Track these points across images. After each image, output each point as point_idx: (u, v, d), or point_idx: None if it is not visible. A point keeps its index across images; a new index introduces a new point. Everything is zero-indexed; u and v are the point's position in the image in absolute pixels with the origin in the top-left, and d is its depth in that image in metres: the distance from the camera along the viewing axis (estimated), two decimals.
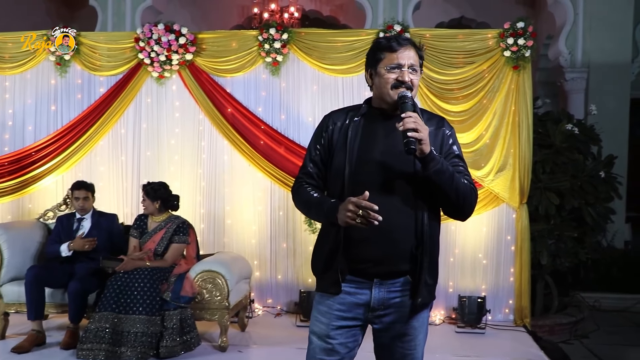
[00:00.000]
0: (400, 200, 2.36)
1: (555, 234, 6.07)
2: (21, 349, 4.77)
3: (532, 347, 5.19)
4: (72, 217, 5.33)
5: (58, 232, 5.26)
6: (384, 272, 2.39)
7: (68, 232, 5.24)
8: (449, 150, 2.48)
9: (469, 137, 5.79)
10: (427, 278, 2.41)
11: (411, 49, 2.45)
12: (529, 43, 5.60)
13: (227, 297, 4.84)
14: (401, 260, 2.38)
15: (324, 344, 2.50)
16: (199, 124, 6.12)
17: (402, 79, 2.40)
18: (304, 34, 5.99)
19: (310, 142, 2.61)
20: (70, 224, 5.28)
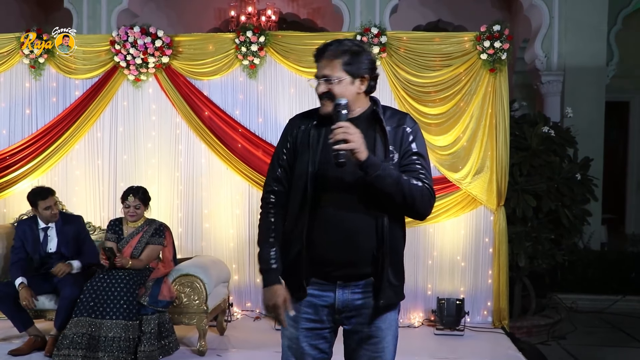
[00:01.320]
0: (361, 203, 2.37)
1: (532, 236, 6.12)
2: (19, 352, 4.74)
3: (510, 349, 5.22)
4: (35, 226, 5.08)
5: (21, 241, 5.04)
6: (346, 275, 2.41)
7: (34, 245, 5.03)
8: (407, 148, 2.45)
9: (446, 140, 5.81)
10: (391, 279, 2.41)
11: (327, 59, 2.43)
12: (505, 46, 5.64)
13: (206, 301, 4.81)
14: (363, 263, 2.39)
15: (295, 347, 2.50)
16: (176, 127, 6.08)
17: (317, 91, 2.44)
18: (281, 36, 5.98)
19: (276, 148, 2.60)
20: (35, 236, 5.05)
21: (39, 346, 4.86)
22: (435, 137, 5.82)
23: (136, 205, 4.98)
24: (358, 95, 2.47)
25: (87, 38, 6.37)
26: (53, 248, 5.07)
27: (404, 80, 5.80)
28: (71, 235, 5.09)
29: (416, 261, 5.93)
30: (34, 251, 5.05)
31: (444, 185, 5.82)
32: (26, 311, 4.85)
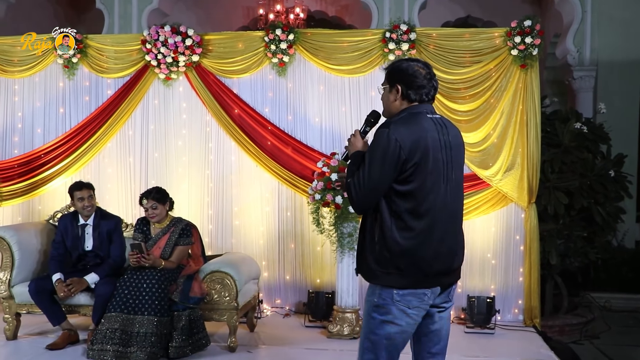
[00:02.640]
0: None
1: (564, 234, 6.05)
2: (55, 347, 4.85)
3: (542, 348, 5.16)
4: (75, 222, 5.21)
5: (62, 236, 5.17)
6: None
7: (74, 241, 5.16)
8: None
9: (476, 137, 5.77)
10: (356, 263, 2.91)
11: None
12: (536, 41, 5.57)
13: (236, 297, 4.84)
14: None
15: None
16: (206, 125, 6.13)
17: None
18: (310, 34, 5.99)
19: None
20: (75, 232, 5.17)
21: (73, 340, 4.98)
22: (465, 134, 5.76)
23: (152, 205, 5.00)
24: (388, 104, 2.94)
25: (119, 37, 6.46)
26: (90, 246, 5.16)
27: None
28: (105, 234, 5.18)
29: None
30: (73, 247, 5.16)
31: (474, 182, 5.78)
32: (60, 306, 4.96)
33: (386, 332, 2.73)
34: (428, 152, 2.68)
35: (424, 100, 2.83)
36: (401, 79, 2.82)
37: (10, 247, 5.18)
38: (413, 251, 2.70)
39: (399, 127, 2.69)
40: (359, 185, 2.71)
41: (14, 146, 6.34)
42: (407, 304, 2.72)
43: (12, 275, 5.13)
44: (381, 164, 2.66)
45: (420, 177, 2.68)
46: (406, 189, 2.68)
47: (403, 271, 2.70)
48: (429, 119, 2.78)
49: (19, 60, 6.26)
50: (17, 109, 6.35)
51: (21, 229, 5.43)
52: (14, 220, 6.28)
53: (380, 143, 2.68)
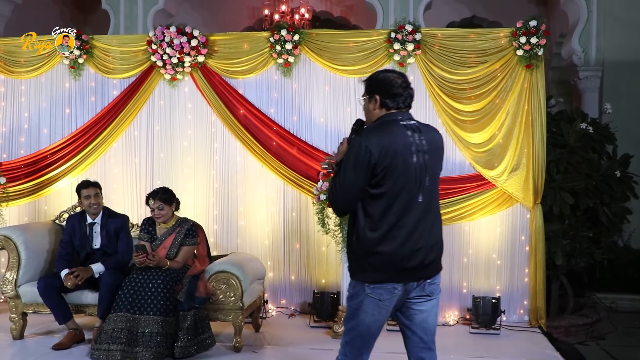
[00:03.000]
0: None
1: (570, 234, 6.04)
2: (61, 346, 4.88)
3: (547, 348, 5.15)
4: (83, 221, 5.25)
5: (70, 235, 5.21)
6: None
7: (82, 240, 5.20)
8: None
9: (481, 137, 5.77)
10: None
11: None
12: (541, 42, 5.56)
13: (241, 297, 4.85)
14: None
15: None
16: (212, 125, 6.14)
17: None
18: (315, 34, 5.99)
19: None
20: (83, 231, 5.22)
21: (79, 340, 5.01)
22: (471, 135, 5.78)
23: (159, 206, 5.02)
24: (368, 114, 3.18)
25: (125, 38, 6.48)
26: (97, 244, 5.20)
27: (438, 78, 5.76)
28: (112, 232, 5.21)
29: (451, 259, 5.89)
30: (81, 246, 5.20)
31: (480, 182, 5.78)
32: (67, 305, 4.99)
33: (360, 320, 3.02)
34: (397, 157, 2.91)
35: (401, 108, 3.06)
36: (378, 89, 3.06)
37: (17, 247, 5.21)
38: (384, 249, 2.94)
39: (370, 135, 2.95)
40: (334, 188, 2.99)
41: (21, 146, 6.37)
42: (378, 297, 2.98)
43: (18, 275, 5.16)
44: (353, 169, 2.91)
45: (390, 180, 2.91)
46: (378, 192, 2.93)
47: (377, 268, 2.96)
48: (402, 126, 3.00)
49: (25, 61, 6.29)
50: (24, 110, 6.38)
51: (27, 229, 5.46)
52: (20, 220, 6.31)
53: (353, 150, 2.93)
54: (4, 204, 6.19)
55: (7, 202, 6.22)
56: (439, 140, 3.16)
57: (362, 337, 3.07)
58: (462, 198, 5.78)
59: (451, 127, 5.79)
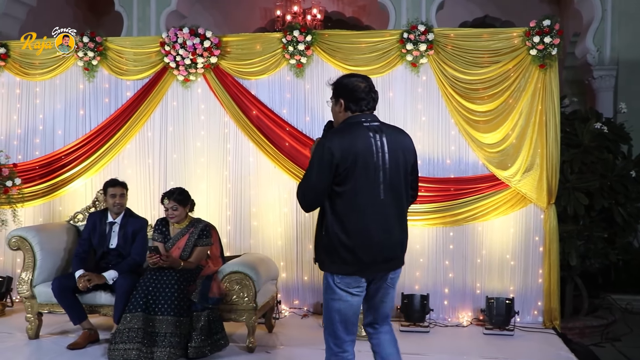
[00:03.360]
0: None
1: (584, 235, 6.00)
2: (76, 346, 4.92)
3: (562, 350, 5.12)
4: (104, 220, 5.30)
5: (89, 233, 5.27)
6: None
7: (100, 238, 5.24)
8: None
9: (494, 137, 5.75)
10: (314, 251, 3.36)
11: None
12: (555, 41, 5.53)
13: (255, 298, 4.86)
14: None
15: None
16: (225, 126, 6.16)
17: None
18: (327, 35, 5.99)
19: None
20: (102, 229, 5.27)
21: (93, 339, 5.05)
22: (484, 135, 5.76)
23: (173, 207, 5.04)
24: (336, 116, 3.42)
25: (138, 40, 6.50)
26: (114, 244, 5.23)
27: (451, 78, 5.75)
28: (130, 234, 5.25)
29: (464, 260, 5.88)
30: (99, 245, 5.24)
31: (493, 183, 5.76)
32: (82, 305, 5.03)
33: (336, 308, 3.26)
34: (358, 157, 3.12)
35: (364, 111, 3.27)
36: (343, 93, 3.29)
37: (32, 248, 5.26)
38: (350, 244, 3.17)
39: (333, 137, 3.19)
40: (301, 187, 3.22)
41: (35, 148, 6.43)
42: (347, 286, 3.23)
43: (34, 275, 5.21)
44: (317, 169, 3.14)
45: (352, 178, 3.13)
46: (342, 190, 3.15)
47: (345, 260, 3.19)
48: (365, 127, 3.21)
49: (40, 63, 6.35)
50: (39, 111, 6.43)
51: (43, 230, 5.51)
52: (35, 221, 6.36)
53: (317, 151, 3.18)
54: (20, 204, 6.25)
55: (22, 203, 6.27)
56: (407, 142, 3.40)
57: (341, 324, 3.28)
58: (476, 198, 5.77)
59: (464, 128, 5.77)
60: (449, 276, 5.91)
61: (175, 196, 5.05)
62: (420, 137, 5.89)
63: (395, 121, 5.89)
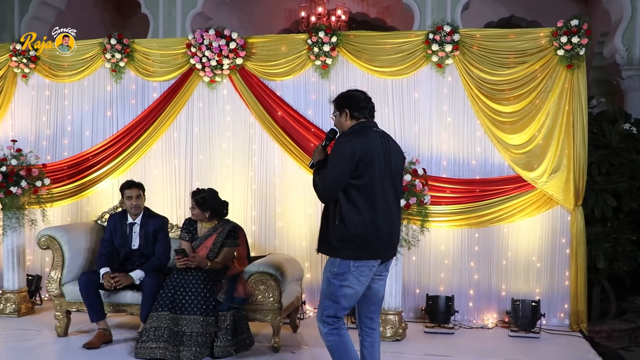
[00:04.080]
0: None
1: (612, 237, 5.94)
2: (92, 345, 4.97)
3: (589, 353, 5.06)
4: (124, 221, 5.36)
5: (110, 234, 5.32)
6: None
7: (122, 239, 5.30)
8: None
9: (520, 138, 5.71)
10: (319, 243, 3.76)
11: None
12: (583, 41, 5.47)
13: (280, 298, 4.88)
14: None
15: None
16: (250, 127, 6.20)
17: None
18: (352, 36, 6.00)
19: None
20: (123, 231, 5.32)
21: (107, 340, 5.10)
22: (510, 136, 5.72)
23: (191, 206, 5.15)
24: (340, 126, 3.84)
25: (164, 42, 6.58)
26: (136, 245, 5.28)
27: (477, 78, 5.72)
28: (151, 233, 5.29)
29: (490, 261, 5.85)
30: (121, 246, 5.29)
31: (519, 184, 5.72)
32: (102, 304, 5.08)
33: (344, 293, 3.63)
34: (374, 156, 3.58)
35: (367, 118, 3.76)
36: (346, 104, 3.76)
37: (61, 247, 5.34)
38: (364, 231, 3.56)
39: (352, 137, 3.62)
40: (324, 180, 3.61)
41: (64, 148, 6.53)
42: (360, 273, 3.61)
43: (62, 274, 5.29)
44: (340, 163, 3.55)
45: (368, 174, 3.55)
46: (359, 183, 3.55)
47: (358, 246, 3.57)
48: (374, 132, 3.71)
49: (68, 65, 6.45)
50: (67, 112, 6.54)
51: (71, 229, 5.59)
52: (63, 220, 6.46)
53: (339, 148, 3.58)
54: (49, 204, 6.33)
55: (51, 203, 6.36)
56: (399, 148, 3.88)
57: (344, 310, 3.69)
58: (501, 200, 5.73)
59: (490, 129, 5.74)
60: (474, 278, 5.88)
61: (196, 196, 5.13)
62: (446, 138, 5.87)
63: (420, 122, 5.92)
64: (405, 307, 5.85)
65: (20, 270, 6.07)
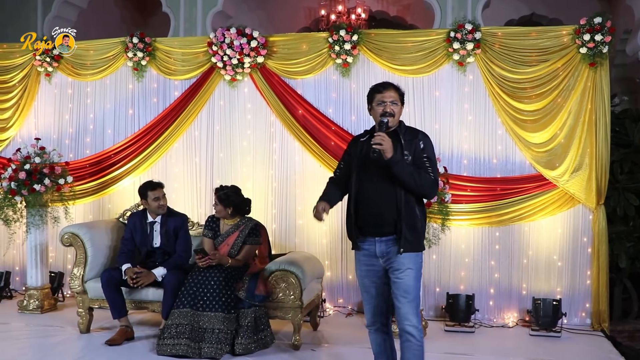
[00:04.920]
0: (386, 186, 3.58)
1: (634, 236, 5.89)
2: (114, 342, 5.01)
3: (611, 353, 5.03)
4: (144, 219, 5.38)
5: (131, 233, 5.36)
6: (378, 232, 3.63)
7: (143, 238, 5.33)
8: (420, 153, 3.64)
9: (542, 137, 5.68)
10: (407, 236, 3.56)
11: (391, 90, 3.72)
12: (606, 39, 5.44)
13: (300, 296, 4.89)
14: (387, 225, 3.60)
15: (362, 282, 3.79)
16: (271, 125, 6.23)
17: (385, 110, 3.67)
18: (373, 34, 6.00)
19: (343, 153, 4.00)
20: (144, 229, 5.35)
21: (129, 337, 5.13)
22: (531, 134, 5.69)
23: (214, 202, 5.19)
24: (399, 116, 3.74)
25: (186, 40, 6.61)
26: (158, 243, 5.32)
27: (498, 77, 5.70)
28: (172, 231, 5.32)
29: (510, 260, 5.83)
30: (142, 244, 5.33)
31: (540, 183, 5.70)
32: (124, 301, 5.13)
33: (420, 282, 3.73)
34: None
35: None
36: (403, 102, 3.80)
37: (84, 244, 5.39)
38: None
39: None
40: (435, 176, 3.64)
41: (86, 147, 6.60)
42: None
43: (85, 271, 5.34)
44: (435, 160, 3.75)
45: None
46: None
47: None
48: None
49: (91, 64, 6.52)
50: (89, 111, 6.61)
51: (93, 227, 5.64)
52: (85, 218, 6.53)
53: (432, 146, 3.74)
54: (71, 202, 6.40)
55: (73, 200, 6.43)
56: None
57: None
58: (522, 198, 5.71)
59: (511, 127, 5.72)
60: (494, 276, 5.86)
61: (219, 193, 5.15)
62: (467, 136, 5.86)
63: (441, 120, 5.91)
64: (425, 305, 5.84)
65: (43, 268, 6.14)
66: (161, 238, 5.33)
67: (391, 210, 3.57)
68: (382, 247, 3.63)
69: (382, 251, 3.63)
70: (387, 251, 3.63)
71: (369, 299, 3.79)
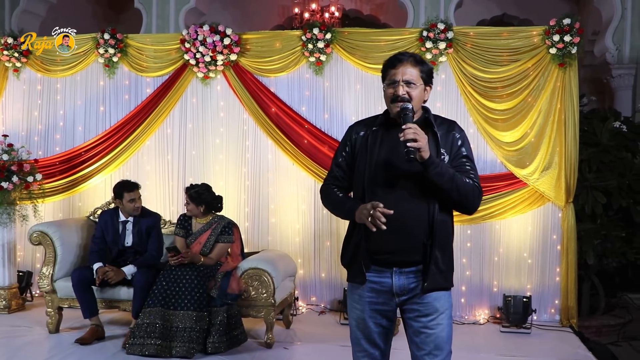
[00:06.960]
0: (413, 198, 2.60)
1: (602, 234, 5.98)
2: (84, 341, 4.94)
3: (579, 348, 5.11)
4: (116, 218, 5.31)
5: (102, 232, 5.28)
6: (401, 261, 2.64)
7: (114, 236, 5.26)
8: (458, 152, 2.69)
9: (513, 136, 5.75)
10: (440, 265, 2.62)
11: (408, 65, 2.67)
12: (575, 40, 5.52)
13: (273, 294, 4.89)
14: (414, 251, 2.62)
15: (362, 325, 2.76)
16: (244, 123, 6.20)
17: (396, 94, 2.63)
18: (347, 33, 6.01)
19: (337, 150, 2.90)
20: (115, 228, 5.28)
21: (100, 336, 5.08)
22: (502, 133, 5.76)
23: (185, 201, 5.17)
24: (422, 101, 2.73)
25: (158, 37, 6.56)
26: (129, 242, 5.27)
27: (470, 76, 5.75)
28: (144, 231, 5.27)
29: (481, 258, 5.89)
30: (114, 243, 5.27)
31: (511, 181, 5.76)
32: (95, 300, 5.07)
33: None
34: None
35: None
36: (432, 81, 2.80)
37: (53, 243, 5.32)
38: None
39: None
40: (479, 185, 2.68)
41: (56, 144, 6.51)
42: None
43: (54, 270, 5.26)
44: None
45: None
46: None
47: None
48: None
49: (61, 60, 6.41)
50: (59, 107, 6.51)
51: (63, 225, 5.56)
52: (55, 216, 6.43)
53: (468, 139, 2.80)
54: (40, 200, 6.30)
55: (43, 198, 6.33)
56: None
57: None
58: (493, 197, 5.77)
59: (482, 126, 5.78)
60: (466, 274, 5.91)
61: (190, 192, 5.13)
62: None
63: None
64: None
65: (11, 267, 6.03)
66: (133, 237, 5.27)
67: (420, 231, 2.59)
68: (401, 281, 2.65)
69: (402, 286, 2.65)
70: (409, 287, 2.65)
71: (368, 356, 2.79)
